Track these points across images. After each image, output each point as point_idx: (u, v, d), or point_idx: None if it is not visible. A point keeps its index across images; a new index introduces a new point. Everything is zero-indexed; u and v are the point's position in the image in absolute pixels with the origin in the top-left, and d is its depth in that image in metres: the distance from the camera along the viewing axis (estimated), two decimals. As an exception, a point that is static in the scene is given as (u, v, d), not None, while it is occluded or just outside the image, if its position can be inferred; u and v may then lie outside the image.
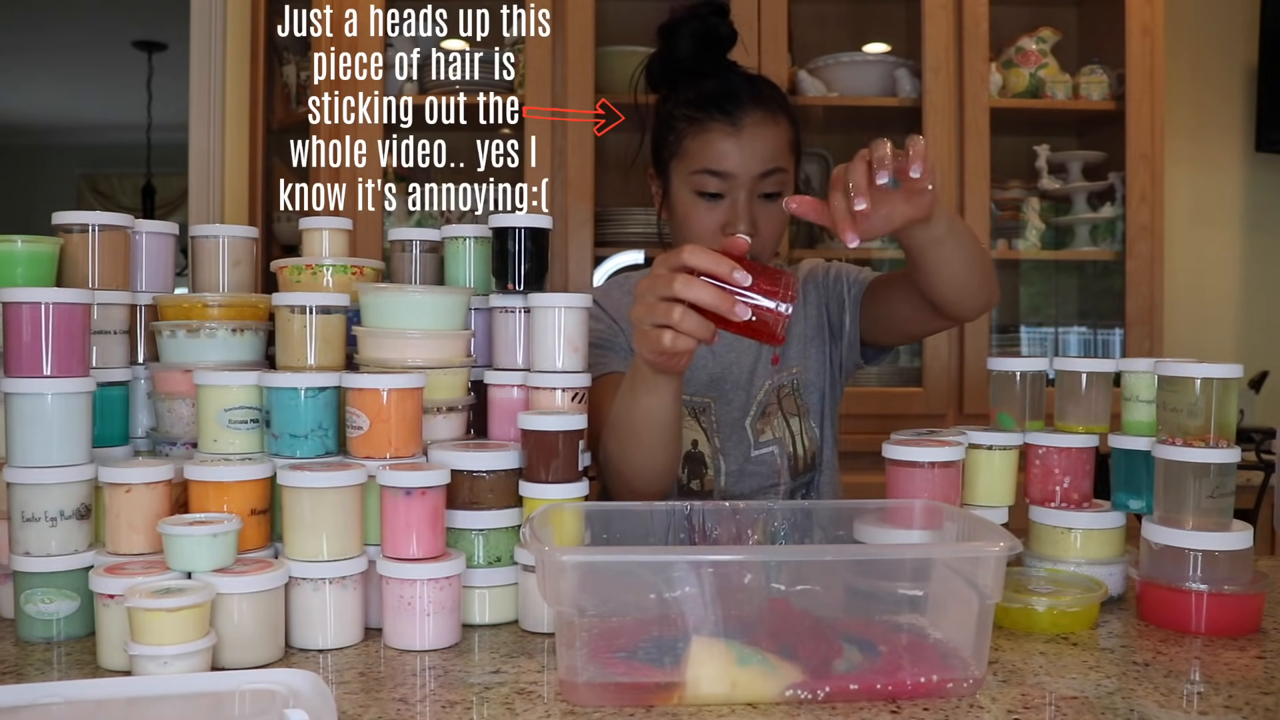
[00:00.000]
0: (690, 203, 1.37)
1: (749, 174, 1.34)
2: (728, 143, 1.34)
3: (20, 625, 0.96)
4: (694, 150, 1.36)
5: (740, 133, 1.34)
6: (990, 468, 1.14)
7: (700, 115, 1.36)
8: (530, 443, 1.02)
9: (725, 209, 1.35)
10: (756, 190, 1.35)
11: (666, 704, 0.79)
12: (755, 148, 1.34)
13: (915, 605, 0.88)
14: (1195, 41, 2.85)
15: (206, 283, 1.18)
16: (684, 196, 1.38)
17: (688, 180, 1.37)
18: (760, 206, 1.35)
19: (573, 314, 1.09)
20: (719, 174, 1.34)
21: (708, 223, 1.35)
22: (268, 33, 2.64)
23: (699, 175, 1.35)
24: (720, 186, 1.35)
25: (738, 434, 1.42)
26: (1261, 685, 0.86)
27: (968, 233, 1.21)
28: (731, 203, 1.35)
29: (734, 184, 1.34)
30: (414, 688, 0.86)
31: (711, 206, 1.36)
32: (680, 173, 1.38)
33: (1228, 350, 2.86)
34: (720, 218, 1.35)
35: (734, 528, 1.05)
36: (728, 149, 1.34)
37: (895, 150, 1.01)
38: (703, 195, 1.36)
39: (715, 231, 1.34)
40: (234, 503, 0.96)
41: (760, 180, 1.35)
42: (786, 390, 1.44)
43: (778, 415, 1.43)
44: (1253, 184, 2.91)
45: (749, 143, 1.34)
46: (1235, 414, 1.03)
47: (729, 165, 1.34)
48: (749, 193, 1.34)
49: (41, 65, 5.58)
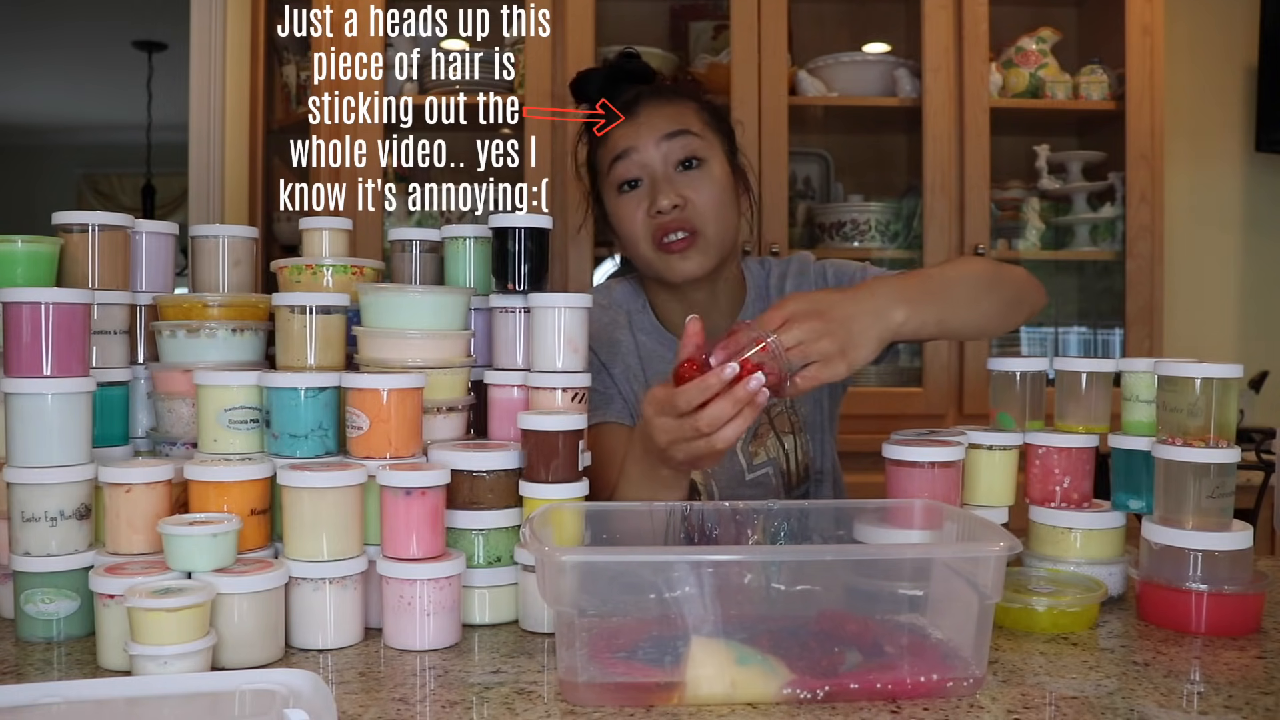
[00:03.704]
0: (616, 203, 1.38)
1: (650, 141, 1.35)
2: (625, 127, 1.37)
3: (20, 625, 0.96)
4: (603, 154, 1.39)
5: (636, 117, 1.37)
6: (990, 468, 1.14)
7: (601, 123, 1.39)
8: (530, 443, 1.02)
9: (644, 191, 1.36)
10: (669, 158, 1.35)
11: (666, 704, 0.79)
12: (652, 121, 1.36)
13: (915, 605, 0.88)
14: (1195, 41, 2.85)
15: (206, 283, 1.18)
16: (611, 200, 1.39)
17: (609, 184, 1.39)
18: (681, 177, 1.35)
19: (573, 314, 1.09)
20: (623, 155, 1.35)
21: (636, 213, 1.36)
22: (268, 33, 2.64)
23: (612, 170, 1.37)
24: (633, 170, 1.35)
25: (730, 460, 1.39)
26: (1261, 685, 0.86)
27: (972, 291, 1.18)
28: (649, 182, 1.35)
29: (642, 162, 1.35)
30: (414, 688, 0.86)
31: (633, 197, 1.36)
32: (605, 186, 1.40)
33: (1228, 350, 2.86)
34: (642, 201, 1.35)
35: (734, 528, 1.05)
36: (625, 133, 1.37)
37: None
38: (623, 190, 1.37)
39: (644, 222, 1.35)
40: (234, 503, 0.96)
41: (667, 145, 1.35)
42: (778, 408, 1.42)
43: (770, 435, 1.41)
44: (1253, 184, 2.91)
45: (645, 120, 1.36)
46: (1235, 414, 1.03)
47: (630, 141, 1.35)
48: (661, 163, 1.35)
49: (41, 65, 5.58)
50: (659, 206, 1.33)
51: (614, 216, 1.40)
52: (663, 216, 1.33)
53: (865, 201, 2.57)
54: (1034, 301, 1.28)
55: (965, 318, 1.17)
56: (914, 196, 2.54)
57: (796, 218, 2.61)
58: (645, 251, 1.37)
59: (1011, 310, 1.24)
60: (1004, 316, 1.24)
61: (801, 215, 2.62)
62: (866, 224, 2.54)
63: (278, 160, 2.70)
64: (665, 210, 1.33)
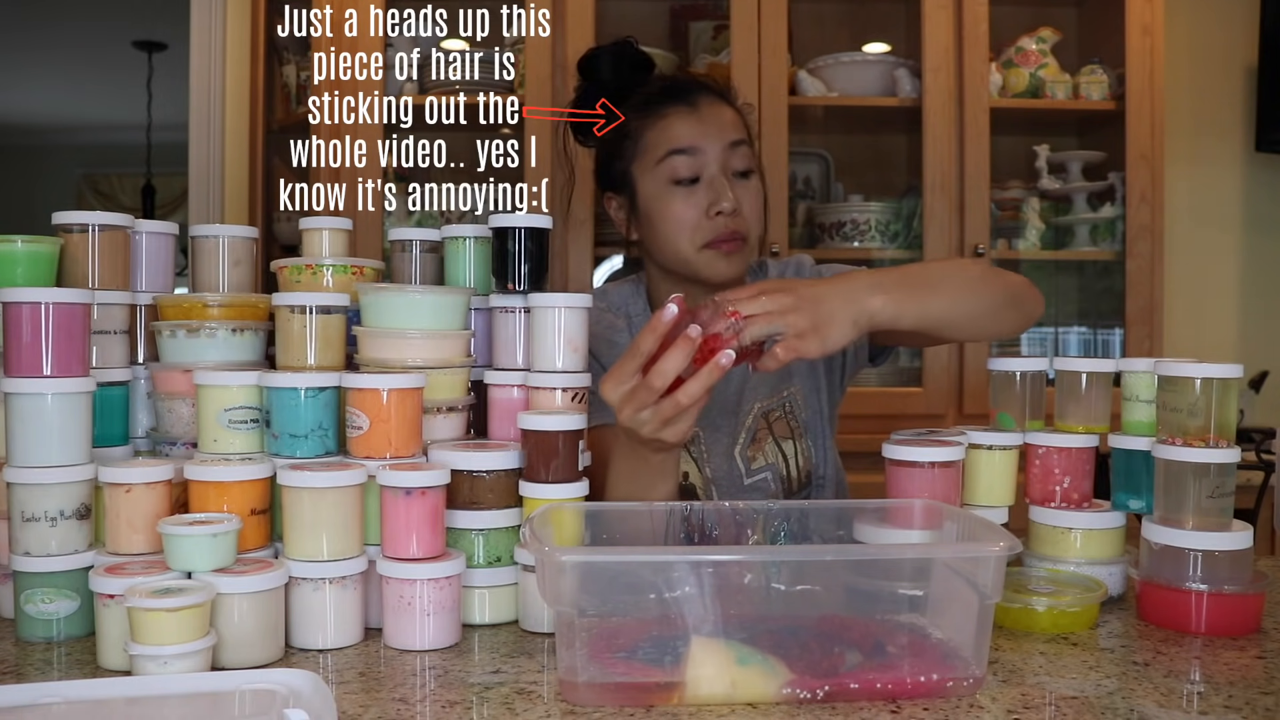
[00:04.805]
0: (665, 196, 1.33)
1: (718, 146, 1.32)
2: (688, 121, 1.33)
3: (20, 625, 0.96)
4: (656, 140, 1.34)
5: (698, 111, 1.33)
6: (990, 468, 1.14)
7: (654, 107, 1.35)
8: (530, 443, 1.02)
9: (704, 191, 1.32)
10: (729, 166, 1.32)
11: (666, 704, 0.79)
12: (717, 121, 1.33)
13: (915, 605, 0.88)
14: (1195, 41, 2.85)
15: (206, 283, 1.18)
16: (656, 191, 1.34)
17: (656, 173, 1.33)
18: (736, 184, 1.33)
19: (573, 314, 1.09)
20: (687, 151, 1.32)
21: (689, 211, 1.31)
22: (268, 33, 2.64)
23: (668, 161, 1.32)
24: (692, 167, 1.32)
25: (729, 464, 1.39)
26: (1261, 685, 0.86)
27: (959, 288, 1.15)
28: (709, 181, 1.31)
29: (704, 161, 1.32)
30: (414, 688, 0.86)
31: (690, 192, 1.32)
32: (646, 169, 1.34)
33: (1228, 350, 2.86)
34: (701, 201, 1.31)
35: (734, 528, 1.05)
36: (690, 127, 1.33)
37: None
38: (677, 184, 1.32)
39: (699, 219, 1.31)
40: (234, 503, 0.96)
41: (730, 153, 1.32)
42: (777, 414, 1.41)
43: (769, 440, 1.40)
44: (1253, 184, 2.91)
45: (709, 118, 1.33)
46: (1235, 414, 1.03)
47: (696, 140, 1.32)
48: (722, 166, 1.32)
49: (41, 65, 5.58)
50: (721, 207, 1.30)
51: (656, 207, 1.34)
52: (722, 218, 1.30)
53: (865, 201, 2.57)
54: (1030, 308, 1.25)
55: (950, 312, 1.13)
56: (914, 196, 2.54)
57: (796, 218, 2.61)
58: (686, 248, 1.33)
59: (1004, 311, 1.20)
60: (995, 317, 1.20)
61: (801, 215, 2.63)
62: (866, 224, 2.54)
63: (278, 160, 2.70)
64: (726, 211, 1.30)
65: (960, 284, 1.16)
